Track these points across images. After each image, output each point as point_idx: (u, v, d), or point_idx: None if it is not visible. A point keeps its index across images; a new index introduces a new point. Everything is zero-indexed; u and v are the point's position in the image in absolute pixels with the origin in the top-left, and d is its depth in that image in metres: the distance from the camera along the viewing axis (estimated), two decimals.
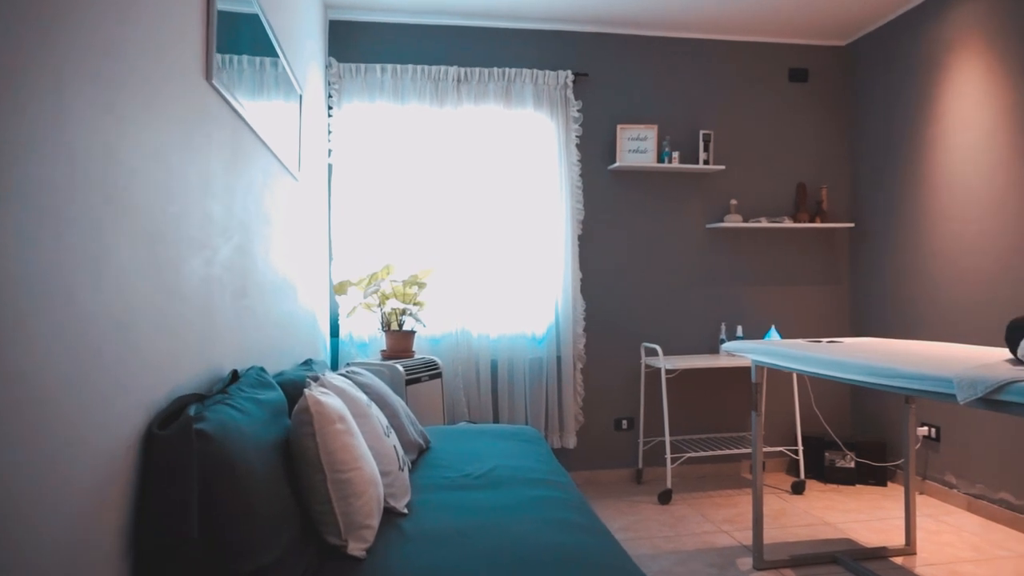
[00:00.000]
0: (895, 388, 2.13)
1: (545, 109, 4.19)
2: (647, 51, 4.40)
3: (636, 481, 4.30)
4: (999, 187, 3.51)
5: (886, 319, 4.31)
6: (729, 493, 4.06)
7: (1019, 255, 3.40)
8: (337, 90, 3.96)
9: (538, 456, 2.50)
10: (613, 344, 4.34)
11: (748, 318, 4.50)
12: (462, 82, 4.10)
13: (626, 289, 4.36)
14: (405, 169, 4.04)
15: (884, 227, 4.33)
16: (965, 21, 3.71)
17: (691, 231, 4.45)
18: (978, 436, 3.64)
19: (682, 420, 4.42)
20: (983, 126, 3.60)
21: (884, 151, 4.32)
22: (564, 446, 4.16)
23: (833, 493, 4.05)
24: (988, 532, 3.38)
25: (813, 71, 4.61)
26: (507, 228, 4.14)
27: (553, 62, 4.26)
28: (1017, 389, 1.74)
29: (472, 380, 4.06)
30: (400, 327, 3.68)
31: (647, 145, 4.28)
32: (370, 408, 1.94)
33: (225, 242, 1.75)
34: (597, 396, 4.31)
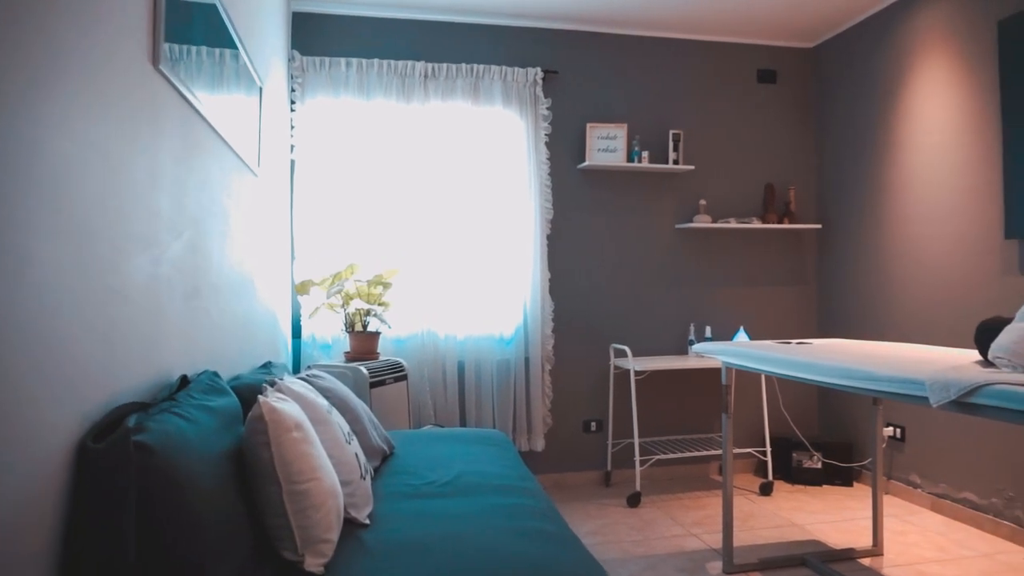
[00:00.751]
0: (868, 391, 2.11)
1: (514, 106, 4.13)
2: (617, 49, 4.36)
3: (605, 483, 4.26)
4: (963, 189, 3.54)
5: (852, 320, 4.34)
6: (698, 495, 4.04)
7: (983, 256, 3.43)
8: (300, 84, 3.84)
9: (506, 461, 2.44)
10: (582, 345, 4.29)
11: (717, 319, 4.49)
12: (429, 78, 4.01)
13: (595, 289, 4.32)
14: (370, 166, 3.94)
15: (850, 228, 4.36)
16: (929, 25, 3.74)
17: (660, 231, 4.42)
18: (942, 436, 3.67)
19: (651, 422, 4.39)
20: (947, 129, 3.63)
21: (850, 153, 4.35)
22: (532, 449, 4.10)
23: (800, 494, 4.06)
24: (952, 532, 3.41)
25: (781, 72, 4.62)
26: (475, 227, 4.07)
27: (522, 59, 4.20)
28: (990, 392, 1.73)
29: (439, 382, 3.98)
30: (364, 328, 3.58)
31: (617, 144, 4.24)
32: (331, 414, 1.85)
33: (175, 239, 1.65)
34: (566, 398, 4.26)
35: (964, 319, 3.53)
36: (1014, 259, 3.27)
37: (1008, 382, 1.72)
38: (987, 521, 3.39)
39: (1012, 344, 1.91)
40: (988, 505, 3.40)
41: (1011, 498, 3.28)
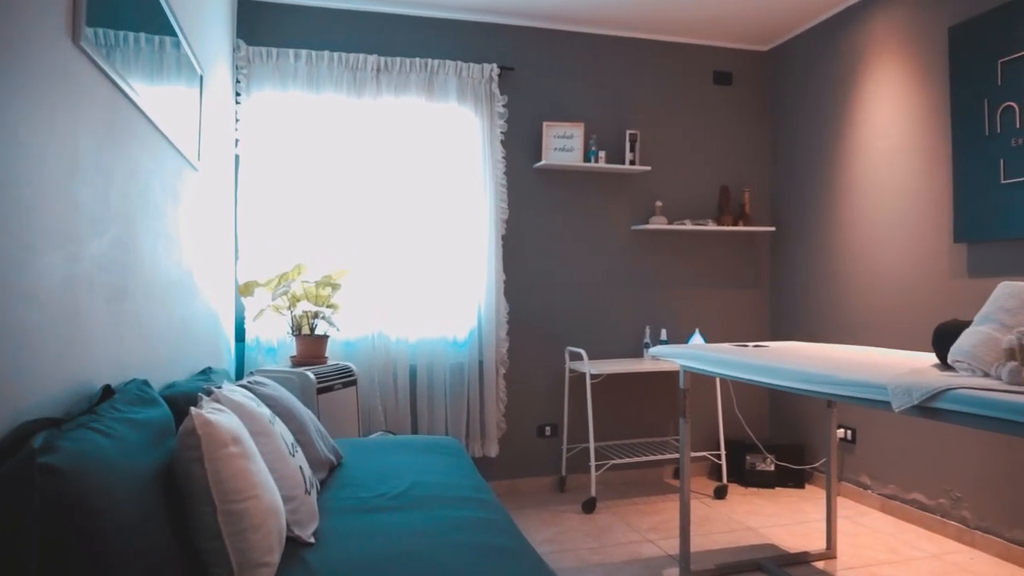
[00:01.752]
0: (829, 395, 2.08)
1: (469, 103, 4.03)
2: (574, 47, 4.30)
3: (559, 489, 4.19)
4: (914, 193, 3.58)
5: (804, 322, 4.37)
6: (653, 500, 4.00)
7: (933, 259, 3.47)
8: (246, 75, 3.67)
9: (460, 470, 2.34)
10: (537, 348, 4.22)
11: (672, 321, 4.47)
12: (382, 72, 3.88)
13: (550, 291, 4.25)
14: (319, 163, 3.78)
15: (803, 231, 4.39)
16: (881, 31, 3.78)
17: (616, 232, 4.38)
18: (892, 438, 3.71)
19: (605, 425, 4.34)
20: (899, 133, 3.67)
21: (804, 156, 4.38)
22: (486, 455, 4.00)
23: (754, 497, 4.06)
24: (902, 532, 3.44)
25: (737, 75, 4.63)
26: (428, 227, 3.95)
27: (478, 54, 4.10)
28: (952, 396, 1.70)
29: (389, 387, 3.85)
30: (312, 331, 3.43)
31: (573, 144, 4.18)
32: (273, 424, 1.72)
33: (98, 235, 1.50)
34: (520, 402, 4.18)
35: (914, 321, 3.58)
36: (962, 262, 3.32)
37: (969, 386, 1.69)
38: (935, 521, 3.43)
39: (971, 348, 1.90)
40: (936, 506, 3.44)
41: (958, 499, 3.32)
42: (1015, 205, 3.03)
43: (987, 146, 3.15)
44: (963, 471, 3.30)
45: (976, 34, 3.20)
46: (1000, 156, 3.09)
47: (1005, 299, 1.95)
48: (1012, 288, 1.96)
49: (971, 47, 3.22)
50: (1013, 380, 1.71)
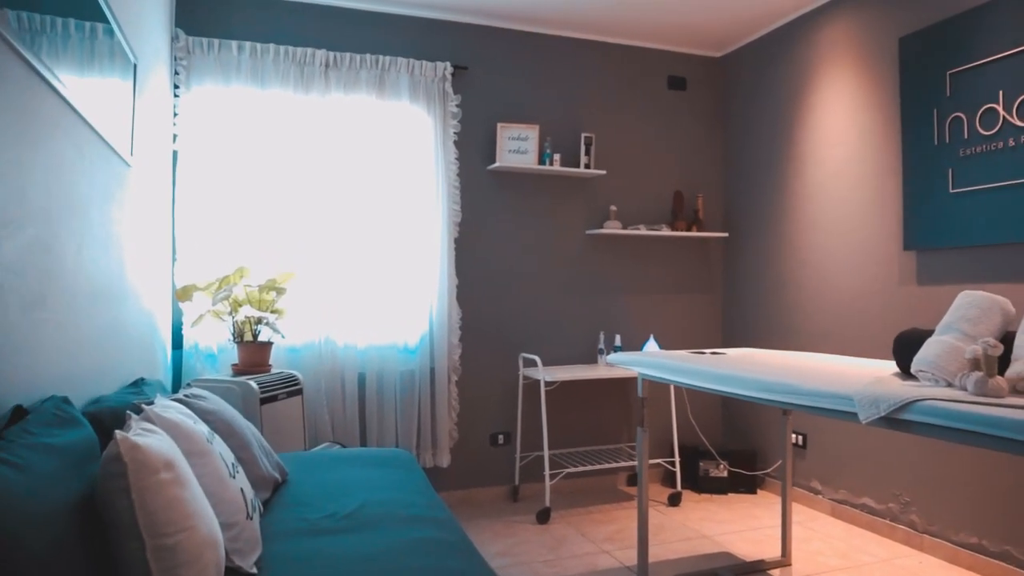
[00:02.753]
0: (794, 406, 2.04)
1: (422, 102, 3.91)
2: (530, 47, 4.23)
3: (512, 498, 4.10)
4: (865, 201, 3.62)
5: (756, 328, 4.38)
6: (608, 508, 3.94)
7: (883, 267, 3.51)
8: (185, 67, 3.47)
9: (413, 486, 2.22)
10: (490, 354, 4.12)
11: (626, 326, 4.43)
12: (331, 67, 3.73)
13: (504, 296, 4.16)
14: (264, 161, 3.61)
15: (756, 237, 4.41)
16: (833, 40, 3.81)
17: (571, 237, 4.32)
18: (842, 443, 3.74)
19: (559, 432, 4.27)
20: (850, 142, 3.71)
21: (756, 162, 4.40)
22: (437, 465, 3.88)
23: (707, 503, 4.04)
24: (852, 537, 3.46)
25: (691, 80, 4.63)
26: (378, 229, 3.82)
27: (431, 52, 3.99)
28: (920, 408, 1.68)
29: (337, 395, 3.69)
30: (255, 338, 3.26)
31: (528, 146, 4.11)
32: (212, 443, 1.58)
33: (10, 236, 1.34)
34: (473, 410, 4.07)
35: (865, 328, 3.61)
36: (911, 270, 3.36)
37: (937, 397, 1.67)
38: (884, 526, 3.47)
39: (935, 358, 1.89)
40: (885, 510, 3.48)
41: (907, 503, 3.36)
42: (963, 214, 3.07)
43: (937, 156, 3.20)
44: (911, 475, 3.34)
45: (926, 45, 3.25)
46: (949, 166, 3.14)
47: (966, 308, 1.94)
48: (973, 297, 1.96)
49: (921, 58, 3.27)
50: (979, 391, 1.69)
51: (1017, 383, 1.73)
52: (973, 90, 3.03)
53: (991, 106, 2.96)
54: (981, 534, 3.03)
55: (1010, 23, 2.88)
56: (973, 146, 3.03)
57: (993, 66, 2.95)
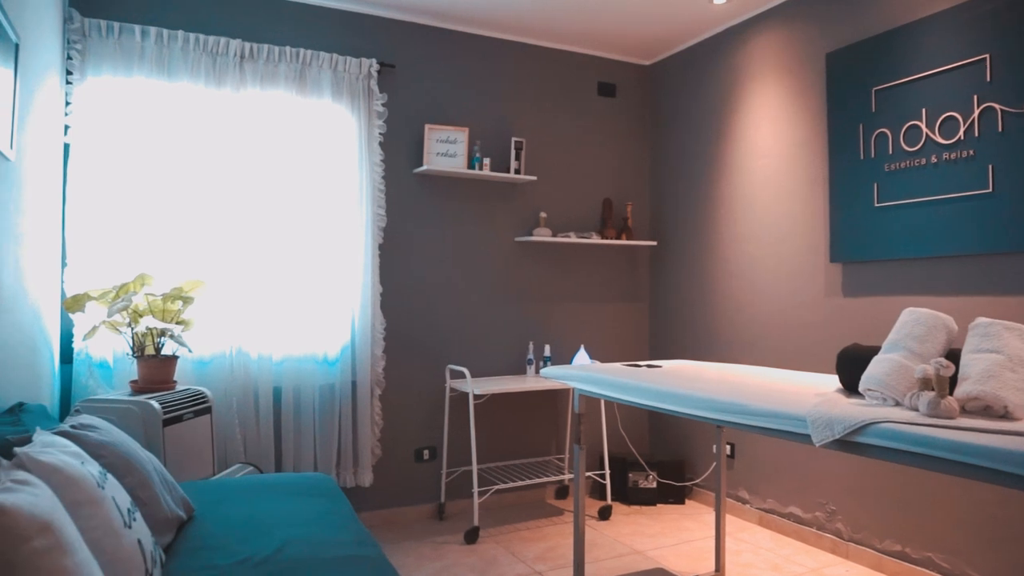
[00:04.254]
0: (743, 426, 1.97)
1: (345, 100, 3.69)
2: (460, 47, 4.07)
3: (438, 517, 3.92)
4: (792, 213, 3.65)
5: (684, 338, 4.38)
6: (537, 524, 3.83)
7: (810, 278, 3.55)
8: (80, 52, 3.13)
9: (338, 519, 2.03)
10: (415, 366, 3.93)
11: (556, 336, 4.34)
12: (247, 60, 3.46)
13: (431, 305, 3.98)
14: (171, 160, 3.31)
15: (683, 246, 4.40)
16: (761, 52, 3.84)
17: (500, 244, 4.19)
18: (769, 452, 3.76)
19: (487, 446, 4.13)
20: (778, 154, 3.74)
21: (685, 171, 4.40)
22: (359, 484, 3.66)
23: (637, 515, 3.99)
24: (780, 547, 3.47)
25: (621, 87, 4.59)
26: (297, 234, 3.57)
27: (356, 48, 3.77)
28: (877, 431, 1.63)
29: (250, 412, 3.42)
30: (158, 352, 2.96)
31: (457, 149, 3.95)
32: (103, 486, 1.35)
33: None
34: (397, 425, 3.88)
35: (791, 339, 3.64)
36: (838, 282, 3.41)
37: (893, 420, 1.63)
38: (811, 534, 3.49)
39: (884, 376, 1.85)
40: (812, 519, 3.51)
41: (833, 511, 3.40)
42: (887, 228, 3.13)
43: (862, 170, 3.25)
44: (837, 484, 3.38)
45: (852, 61, 3.29)
46: (874, 180, 3.19)
47: (912, 326, 1.92)
48: (918, 315, 1.94)
49: (847, 73, 3.32)
50: (932, 411, 1.66)
51: (966, 403, 1.71)
52: (897, 107, 3.09)
53: (915, 123, 3.02)
54: (904, 541, 3.09)
55: (933, 44, 2.95)
56: (897, 161, 3.09)
57: (917, 84, 3.01)
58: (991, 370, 1.70)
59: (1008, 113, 2.70)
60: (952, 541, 2.91)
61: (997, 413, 1.68)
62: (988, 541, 2.78)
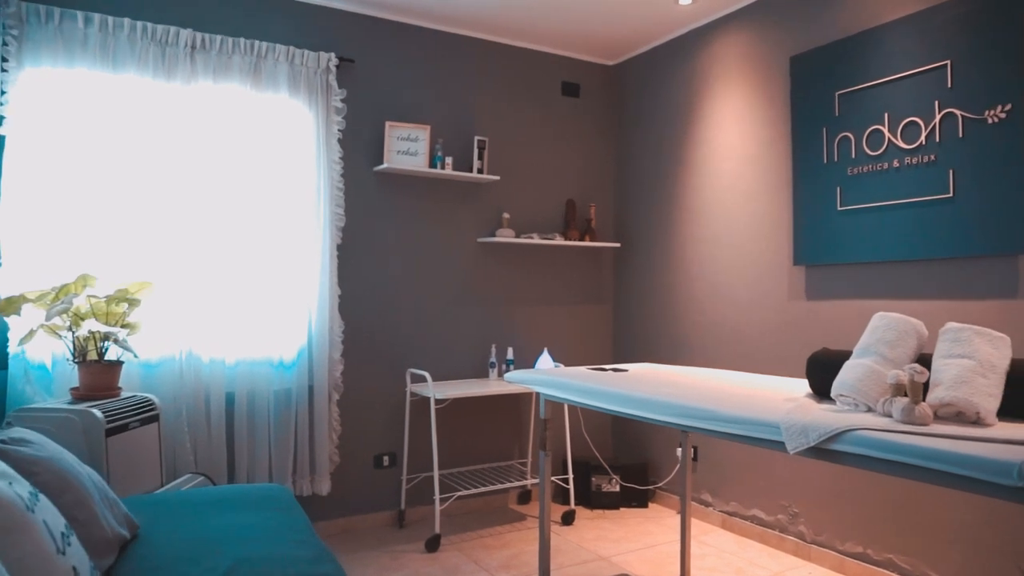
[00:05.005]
0: (715, 433, 1.93)
1: (303, 95, 3.56)
2: (422, 43, 3.98)
3: (398, 525, 3.82)
4: (756, 215, 3.65)
5: (648, 341, 4.35)
6: (500, 531, 3.76)
7: (774, 281, 3.55)
8: (16, 38, 2.95)
9: (294, 533, 1.92)
10: (375, 370, 3.82)
11: (519, 339, 4.27)
12: (198, 50, 3.31)
13: (391, 307, 3.87)
14: (116, 155, 3.14)
15: (647, 248, 4.38)
16: (726, 54, 3.84)
17: (462, 245, 4.11)
18: (732, 455, 3.75)
19: (448, 452, 4.04)
20: (743, 156, 3.73)
21: (649, 172, 4.37)
22: (316, 492, 3.54)
23: (600, 520, 3.95)
24: (744, 551, 3.46)
25: (585, 87, 4.55)
26: (251, 233, 3.43)
27: (314, 41, 3.65)
28: (853, 439, 1.60)
29: (201, 419, 3.28)
30: (101, 357, 2.80)
31: (418, 147, 3.85)
32: (34, 509, 1.24)
33: None
34: (355, 431, 3.76)
35: (755, 341, 3.64)
36: (801, 284, 3.41)
37: (868, 427, 1.60)
38: (774, 537, 3.50)
39: (857, 382, 1.83)
40: (774, 521, 3.51)
41: (795, 514, 3.41)
42: (850, 231, 3.14)
43: (826, 173, 3.25)
44: (800, 486, 3.39)
45: (816, 65, 3.30)
46: (837, 184, 3.20)
47: (884, 331, 1.90)
48: (889, 320, 1.92)
49: (811, 77, 3.33)
50: (906, 418, 1.64)
51: (939, 409, 1.69)
52: (860, 111, 3.11)
53: (877, 127, 3.03)
54: (866, 543, 3.10)
55: (896, 49, 2.97)
56: (860, 165, 3.10)
57: (880, 89, 3.03)
58: (963, 376, 1.69)
59: (968, 119, 2.72)
60: (913, 543, 2.93)
61: (969, 419, 1.66)
62: (948, 542, 2.81)
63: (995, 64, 2.64)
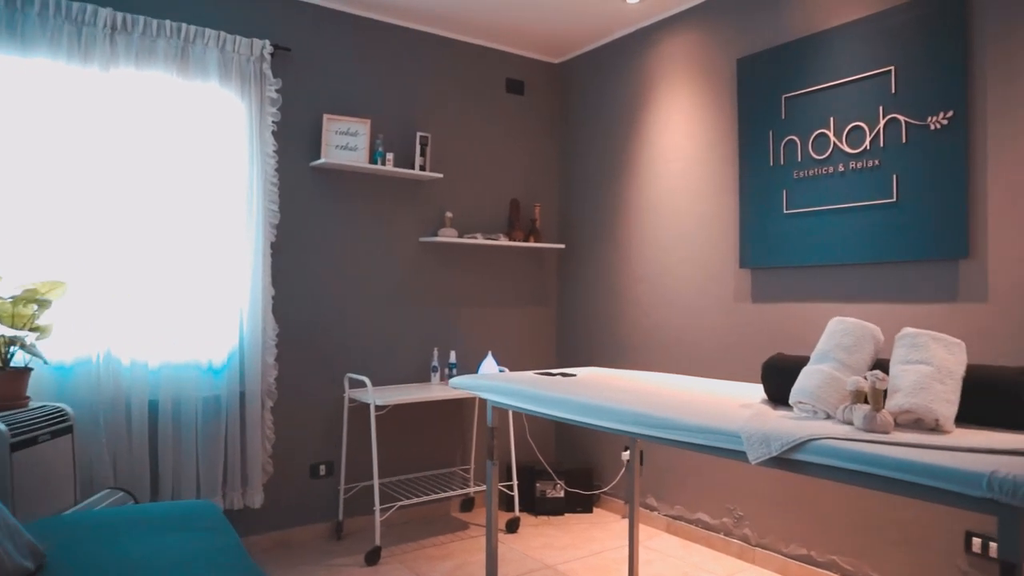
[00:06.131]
0: (672, 442, 1.86)
1: (234, 84, 3.36)
2: (363, 33, 3.81)
3: (336, 536, 3.65)
4: (703, 218, 3.64)
5: (592, 344, 4.30)
6: (442, 540, 3.63)
7: (720, 284, 3.54)
8: None
9: (224, 557, 1.77)
10: (312, 375, 3.64)
11: (462, 342, 4.15)
12: (119, 32, 3.07)
13: (328, 309, 3.70)
14: (25, 146, 2.88)
15: (592, 249, 4.33)
16: (672, 55, 3.82)
17: (404, 244, 3.96)
18: (676, 458, 3.73)
19: (388, 460, 3.89)
20: (689, 157, 3.72)
21: (594, 172, 4.32)
22: (248, 505, 3.34)
23: (545, 527, 3.87)
24: (690, 555, 3.44)
25: (529, 85, 4.47)
26: (177, 229, 3.21)
27: (248, 27, 3.45)
28: (817, 448, 1.55)
29: (120, 429, 3.04)
30: (6, 364, 2.55)
31: (358, 142, 3.69)
32: None
33: None
34: (290, 439, 3.57)
35: (701, 345, 3.63)
36: (747, 287, 3.41)
37: (834, 436, 1.56)
38: (719, 540, 3.49)
39: (816, 389, 1.80)
40: (719, 525, 3.51)
41: (740, 517, 3.40)
42: (796, 234, 3.15)
43: (772, 176, 3.26)
44: (744, 489, 3.39)
45: (763, 68, 3.31)
46: (783, 187, 3.21)
47: (841, 336, 1.88)
48: (846, 325, 1.90)
49: (758, 80, 3.33)
50: (868, 426, 1.61)
51: (898, 416, 1.67)
52: (806, 115, 3.12)
53: (823, 131, 3.05)
54: (809, 545, 3.12)
55: (842, 54, 2.99)
56: (806, 169, 3.12)
57: (825, 93, 3.05)
58: (921, 382, 1.67)
59: (912, 125, 2.76)
60: (855, 544, 2.95)
61: (927, 426, 1.65)
62: (890, 543, 2.84)
63: (938, 71, 2.68)
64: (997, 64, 2.56)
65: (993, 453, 1.42)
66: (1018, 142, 2.51)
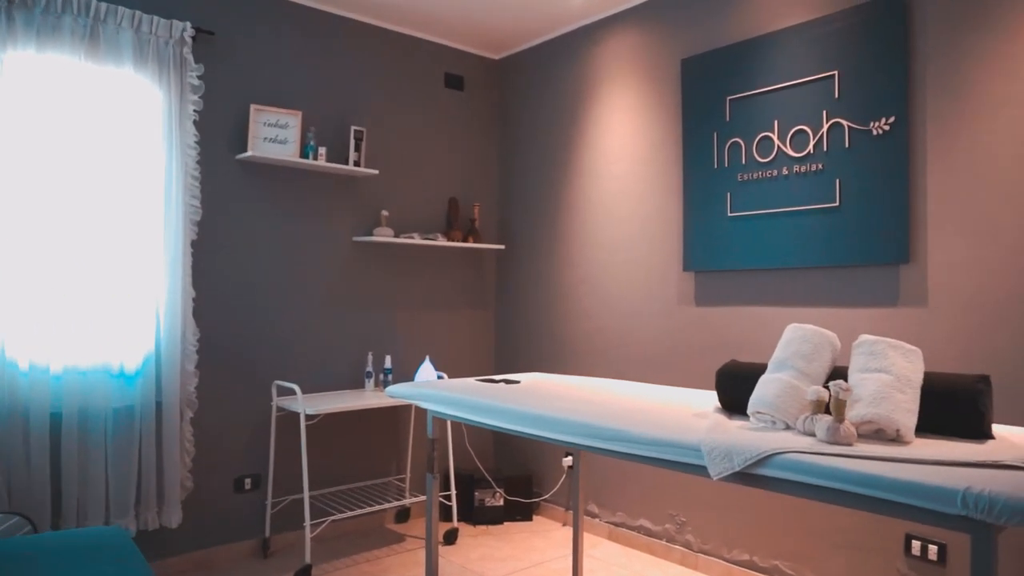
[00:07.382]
0: (627, 456, 1.76)
1: (150, 69, 3.09)
2: (295, 20, 3.60)
3: (262, 554, 3.42)
4: (646, 220, 3.58)
5: (531, 348, 4.20)
6: (378, 555, 3.46)
7: (663, 287, 3.49)
8: None
9: None
10: (236, 383, 3.41)
11: (398, 346, 3.98)
12: (16, 7, 2.78)
13: (255, 312, 3.47)
14: None
15: (532, 251, 4.23)
16: (615, 55, 3.75)
17: (337, 244, 3.76)
18: (616, 464, 3.67)
19: (319, 471, 3.69)
20: (632, 158, 3.66)
21: (535, 172, 4.22)
22: (164, 525, 3.08)
23: (484, 536, 3.74)
24: (632, 563, 3.38)
25: (469, 80, 4.33)
26: (84, 223, 2.93)
27: (166, 7, 3.19)
28: (782, 463, 1.48)
29: (17, 444, 2.75)
30: None
31: (288, 135, 3.48)
32: None
33: None
34: (212, 452, 3.33)
35: (644, 348, 3.57)
36: (690, 291, 3.37)
37: (799, 450, 1.49)
38: (661, 547, 3.44)
39: (775, 399, 1.73)
40: (662, 531, 3.46)
41: (682, 523, 3.36)
42: (740, 238, 3.13)
43: (716, 179, 3.23)
44: (685, 495, 3.35)
45: (707, 69, 3.27)
46: (727, 190, 3.18)
47: (799, 344, 1.82)
48: (804, 332, 1.85)
49: (702, 81, 3.29)
50: (831, 438, 1.55)
51: (859, 426, 1.62)
52: (751, 117, 3.10)
53: (767, 134, 3.03)
54: (752, 550, 3.10)
55: (786, 57, 2.97)
56: (750, 172, 3.09)
57: (770, 96, 3.03)
58: (882, 392, 1.63)
59: (854, 129, 2.76)
60: (797, 548, 2.94)
61: (889, 436, 1.60)
62: (831, 547, 2.84)
63: (880, 77, 2.69)
64: (939, 72, 2.58)
65: (962, 466, 1.37)
66: (956, 149, 2.53)
